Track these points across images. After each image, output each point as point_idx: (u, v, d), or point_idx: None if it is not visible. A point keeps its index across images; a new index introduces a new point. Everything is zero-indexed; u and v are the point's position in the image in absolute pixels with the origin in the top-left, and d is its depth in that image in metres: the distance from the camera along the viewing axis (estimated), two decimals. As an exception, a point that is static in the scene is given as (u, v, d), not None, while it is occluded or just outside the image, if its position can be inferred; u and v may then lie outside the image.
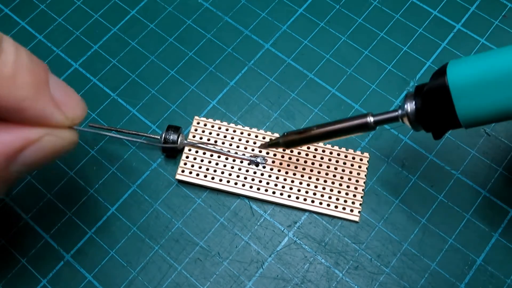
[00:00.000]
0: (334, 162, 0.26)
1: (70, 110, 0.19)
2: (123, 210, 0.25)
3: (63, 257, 0.24)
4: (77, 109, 0.19)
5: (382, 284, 0.24)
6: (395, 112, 0.21)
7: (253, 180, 0.26)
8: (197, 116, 0.27)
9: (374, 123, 0.21)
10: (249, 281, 0.24)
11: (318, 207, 0.25)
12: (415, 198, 0.26)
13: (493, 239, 0.25)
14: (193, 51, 0.30)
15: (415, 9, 0.31)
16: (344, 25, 0.30)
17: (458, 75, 0.19)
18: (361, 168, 0.26)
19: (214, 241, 0.25)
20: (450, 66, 0.19)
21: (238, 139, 0.26)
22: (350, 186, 0.25)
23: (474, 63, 0.19)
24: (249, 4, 0.31)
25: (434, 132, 0.21)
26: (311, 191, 0.25)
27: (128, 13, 0.31)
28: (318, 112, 0.28)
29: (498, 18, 0.30)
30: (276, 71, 0.29)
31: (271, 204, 0.25)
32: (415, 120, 0.20)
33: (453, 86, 0.19)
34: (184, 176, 0.26)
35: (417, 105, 0.20)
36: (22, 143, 0.18)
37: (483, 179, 0.26)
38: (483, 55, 0.19)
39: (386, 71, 0.29)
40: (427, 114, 0.20)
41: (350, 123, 0.22)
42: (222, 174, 0.26)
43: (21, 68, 0.17)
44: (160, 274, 0.24)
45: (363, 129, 0.21)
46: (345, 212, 0.25)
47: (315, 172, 0.26)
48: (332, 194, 0.25)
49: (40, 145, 0.18)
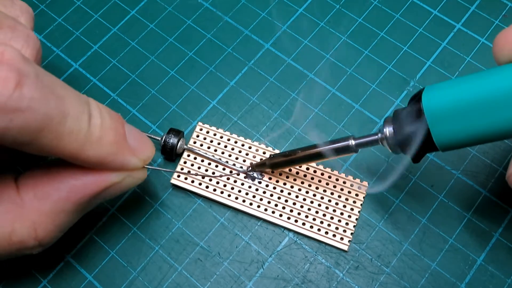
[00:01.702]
0: (332, 187, 0.25)
1: (143, 154, 0.21)
2: (123, 210, 0.25)
3: (64, 257, 0.24)
4: (148, 152, 0.22)
5: (382, 284, 0.24)
6: (375, 136, 0.22)
7: (247, 195, 0.25)
8: (201, 122, 0.27)
9: (355, 146, 0.22)
10: (249, 281, 0.24)
11: (307, 230, 0.24)
12: (416, 198, 0.26)
13: (493, 239, 0.25)
14: (193, 51, 0.30)
15: (415, 9, 0.31)
16: (344, 25, 0.30)
17: (433, 102, 0.19)
18: (357, 197, 0.25)
19: (214, 241, 0.25)
20: (425, 93, 0.20)
21: (238, 151, 0.26)
22: (344, 214, 0.25)
23: (448, 90, 0.19)
24: (249, 4, 0.31)
25: (412, 155, 0.21)
26: (303, 213, 0.25)
27: (128, 13, 0.31)
28: (318, 112, 0.28)
29: (498, 18, 0.30)
30: (276, 71, 0.29)
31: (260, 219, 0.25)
32: (393, 144, 0.21)
33: (428, 113, 0.19)
34: (179, 182, 0.25)
35: (395, 129, 0.21)
36: (108, 184, 0.20)
37: (484, 179, 0.26)
38: (457, 81, 0.20)
39: (386, 71, 0.29)
40: (404, 138, 0.21)
41: (332, 146, 0.22)
42: (217, 184, 0.25)
43: (106, 129, 0.20)
44: (160, 274, 0.24)
45: (345, 152, 0.22)
46: (334, 240, 0.24)
47: (311, 194, 0.25)
48: (324, 219, 0.25)
49: (120, 185, 0.21)
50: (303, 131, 0.27)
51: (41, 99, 0.17)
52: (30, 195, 0.19)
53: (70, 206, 0.20)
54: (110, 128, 0.20)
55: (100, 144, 0.19)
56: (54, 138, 0.18)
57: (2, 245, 0.19)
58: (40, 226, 0.19)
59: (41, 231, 0.19)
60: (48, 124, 0.17)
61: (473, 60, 0.29)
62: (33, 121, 0.17)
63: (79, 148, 0.19)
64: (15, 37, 0.19)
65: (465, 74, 0.29)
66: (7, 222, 0.19)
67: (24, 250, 0.20)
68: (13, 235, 0.19)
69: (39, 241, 0.20)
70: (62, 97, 0.18)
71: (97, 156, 0.19)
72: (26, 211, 0.19)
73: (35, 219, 0.19)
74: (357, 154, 0.26)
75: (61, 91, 0.18)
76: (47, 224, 0.19)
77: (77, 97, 0.19)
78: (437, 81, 0.28)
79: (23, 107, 0.16)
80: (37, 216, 0.19)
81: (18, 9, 0.22)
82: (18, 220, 0.19)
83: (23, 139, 0.17)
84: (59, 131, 0.18)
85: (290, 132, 0.27)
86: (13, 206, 0.19)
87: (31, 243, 0.20)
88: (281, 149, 0.27)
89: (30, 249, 0.20)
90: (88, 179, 0.20)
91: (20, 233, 0.19)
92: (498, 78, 0.18)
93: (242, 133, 0.27)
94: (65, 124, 0.18)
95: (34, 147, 0.18)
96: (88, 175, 0.20)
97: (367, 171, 0.26)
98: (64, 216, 0.20)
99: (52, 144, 0.18)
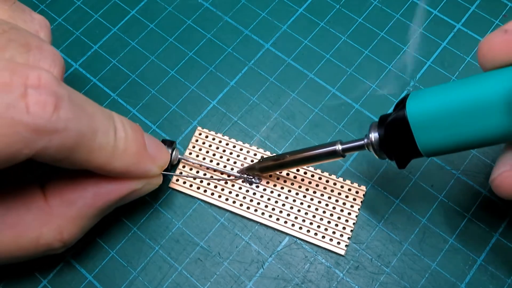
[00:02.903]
0: (329, 191, 0.25)
1: (160, 161, 0.23)
2: (123, 210, 0.25)
3: (64, 257, 0.24)
4: (165, 158, 0.23)
5: (382, 284, 0.24)
6: (361, 141, 0.22)
7: (244, 198, 0.25)
8: (200, 127, 0.27)
9: (342, 150, 0.22)
10: (249, 281, 0.24)
11: (304, 234, 0.24)
12: (416, 198, 0.26)
13: (493, 239, 0.25)
14: (193, 51, 0.30)
15: (415, 9, 0.31)
16: (344, 25, 0.30)
17: (417, 108, 0.19)
18: (355, 201, 0.25)
19: (214, 241, 0.25)
20: (410, 99, 0.20)
21: (237, 155, 0.26)
22: (341, 218, 0.25)
23: (432, 97, 0.19)
24: (249, 4, 0.31)
25: (397, 161, 0.21)
26: (300, 217, 0.25)
27: (128, 13, 0.31)
28: (318, 112, 0.28)
29: (498, 18, 0.30)
30: (276, 71, 0.29)
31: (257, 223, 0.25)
32: (379, 150, 0.21)
33: (412, 119, 0.19)
34: (178, 186, 0.26)
35: (380, 135, 0.21)
36: (129, 191, 0.22)
37: (484, 179, 0.26)
38: (441, 88, 0.20)
39: (386, 71, 0.29)
40: (390, 144, 0.21)
41: (319, 150, 0.23)
42: (215, 188, 0.25)
43: (129, 141, 0.21)
44: (160, 274, 0.24)
45: (332, 156, 0.23)
46: (331, 244, 0.24)
47: (308, 199, 0.25)
48: (321, 224, 0.25)
49: (140, 191, 0.22)
50: (303, 131, 0.27)
51: (74, 118, 0.18)
52: (57, 202, 0.21)
53: (94, 211, 0.21)
54: (133, 140, 0.21)
55: (125, 155, 0.21)
56: (86, 153, 0.19)
57: (29, 248, 0.20)
58: (65, 229, 0.21)
59: (66, 234, 0.21)
60: (81, 141, 0.19)
61: (473, 60, 0.29)
62: (69, 139, 0.18)
63: (106, 160, 0.20)
64: (43, 58, 0.20)
65: (465, 74, 0.29)
66: (36, 227, 0.20)
67: (49, 251, 0.21)
68: (41, 238, 0.20)
69: (64, 242, 0.21)
70: (92, 114, 0.19)
71: (122, 167, 0.21)
72: (53, 217, 0.20)
73: (61, 224, 0.20)
74: (357, 154, 0.26)
75: (90, 109, 0.19)
76: (72, 228, 0.21)
77: (104, 112, 0.20)
78: (437, 81, 0.28)
79: (60, 128, 0.18)
80: (63, 221, 0.20)
81: (38, 24, 0.22)
82: (46, 225, 0.20)
83: (59, 157, 0.18)
84: (90, 146, 0.19)
85: (290, 132, 0.27)
86: (42, 213, 0.20)
87: (57, 245, 0.21)
88: (281, 149, 0.27)
89: (55, 250, 0.21)
90: (111, 187, 0.21)
91: (47, 237, 0.20)
92: (481, 86, 0.18)
93: (242, 133, 0.27)
94: (95, 139, 0.19)
95: (67, 162, 0.19)
96: (111, 183, 0.21)
97: (367, 170, 0.26)
98: (87, 220, 0.21)
99: (83, 159, 0.19)
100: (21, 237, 0.20)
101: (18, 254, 0.20)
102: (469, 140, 0.19)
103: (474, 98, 0.18)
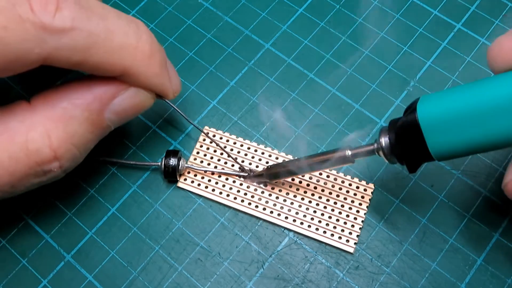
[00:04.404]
0: (337, 189, 0.25)
1: (175, 86, 0.23)
2: (123, 211, 0.25)
3: (64, 257, 0.24)
4: (179, 85, 0.24)
5: (382, 284, 0.24)
6: (371, 146, 0.22)
7: (253, 197, 0.25)
8: (207, 126, 0.27)
9: (352, 156, 0.22)
10: (249, 281, 0.24)
11: (313, 233, 0.24)
12: (416, 198, 0.26)
13: (493, 239, 0.25)
14: (193, 51, 0.30)
15: (415, 9, 0.31)
16: (344, 25, 0.30)
17: (428, 112, 0.19)
18: (363, 199, 0.25)
19: (214, 241, 0.25)
20: (420, 103, 0.20)
21: (244, 154, 0.26)
22: (349, 216, 0.25)
23: (443, 100, 0.19)
24: (249, 4, 0.31)
25: (408, 165, 0.21)
26: (309, 215, 0.25)
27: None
28: (318, 112, 0.28)
29: (498, 18, 0.30)
30: (276, 71, 0.29)
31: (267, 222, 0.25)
32: (389, 154, 0.21)
33: (424, 123, 0.19)
34: (185, 185, 0.26)
35: (391, 140, 0.21)
36: (115, 90, 0.21)
37: (484, 179, 0.26)
38: (452, 91, 0.19)
39: (386, 71, 0.29)
40: (400, 148, 0.21)
41: (329, 156, 0.23)
42: (223, 187, 0.26)
43: (155, 48, 0.21)
44: (160, 274, 0.24)
45: (342, 162, 0.22)
46: (340, 242, 0.24)
47: (316, 197, 0.25)
48: (330, 222, 0.25)
49: (126, 95, 0.21)
50: (303, 131, 0.27)
51: (82, 18, 0.19)
52: (40, 104, 0.20)
53: (79, 113, 0.20)
54: (158, 49, 0.21)
55: (150, 62, 0.21)
56: (105, 54, 0.19)
57: (21, 156, 0.20)
58: (52, 132, 0.20)
59: (55, 138, 0.20)
60: (95, 42, 0.19)
61: (473, 60, 0.29)
62: (80, 39, 0.19)
63: (131, 63, 0.20)
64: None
65: (465, 74, 0.29)
66: (22, 131, 0.20)
67: (42, 164, 0.20)
68: (29, 143, 0.20)
69: (55, 151, 0.20)
70: (104, 15, 0.20)
71: (146, 74, 0.21)
72: (37, 117, 0.20)
73: (46, 125, 0.20)
74: None
75: (101, 11, 0.20)
76: (59, 131, 0.20)
77: (120, 15, 0.20)
78: (437, 81, 0.28)
79: (67, 27, 0.18)
80: (48, 122, 0.20)
81: None
82: (32, 129, 0.20)
83: (76, 58, 0.19)
84: (108, 46, 0.19)
85: (290, 132, 0.27)
86: (26, 116, 0.20)
87: (47, 153, 0.20)
88: (280, 149, 0.27)
89: (49, 162, 0.20)
90: (98, 89, 0.21)
91: (35, 141, 0.20)
92: (492, 88, 0.18)
93: (242, 133, 0.27)
94: (112, 39, 0.19)
95: (88, 65, 0.19)
96: (97, 86, 0.21)
97: (367, 170, 0.26)
98: (75, 125, 0.20)
99: (104, 60, 0.20)
100: (9, 144, 0.19)
101: (12, 166, 0.20)
102: (481, 144, 0.19)
103: (486, 101, 0.18)
